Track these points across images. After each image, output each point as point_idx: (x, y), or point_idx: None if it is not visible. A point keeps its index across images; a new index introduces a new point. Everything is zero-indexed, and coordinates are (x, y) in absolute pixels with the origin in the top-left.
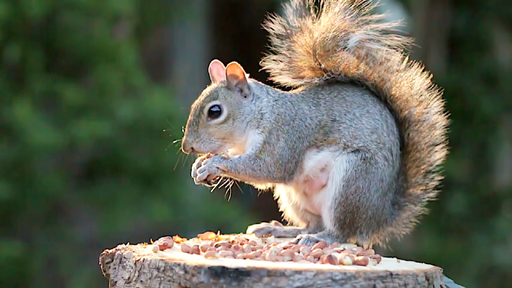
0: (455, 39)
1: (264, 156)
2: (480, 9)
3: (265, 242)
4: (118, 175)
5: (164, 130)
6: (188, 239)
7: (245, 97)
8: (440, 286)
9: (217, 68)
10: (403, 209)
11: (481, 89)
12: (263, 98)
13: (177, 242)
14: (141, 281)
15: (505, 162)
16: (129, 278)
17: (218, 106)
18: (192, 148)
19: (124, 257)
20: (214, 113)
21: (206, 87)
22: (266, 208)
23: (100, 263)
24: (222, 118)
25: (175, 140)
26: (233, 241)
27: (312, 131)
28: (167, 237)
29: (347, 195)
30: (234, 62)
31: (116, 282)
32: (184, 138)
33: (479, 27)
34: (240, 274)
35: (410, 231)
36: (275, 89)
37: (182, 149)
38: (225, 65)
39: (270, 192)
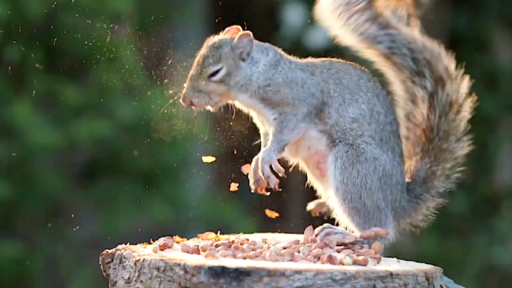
0: (455, 39)
1: (279, 112)
2: (480, 9)
3: (265, 242)
4: (118, 175)
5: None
6: (188, 239)
7: (244, 60)
8: (440, 286)
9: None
10: (423, 200)
11: (481, 89)
12: (260, 62)
13: (177, 242)
14: (141, 281)
15: (505, 162)
16: (129, 278)
17: (219, 68)
18: (191, 102)
19: (124, 257)
20: (214, 73)
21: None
22: (266, 208)
23: (100, 263)
24: (219, 77)
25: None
26: (233, 241)
27: (309, 93)
28: (167, 237)
29: (349, 189)
30: (248, 32)
31: (116, 282)
32: (184, 91)
33: (479, 27)
34: (240, 274)
35: (423, 226)
36: (281, 53)
37: (181, 102)
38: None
39: (269, 192)
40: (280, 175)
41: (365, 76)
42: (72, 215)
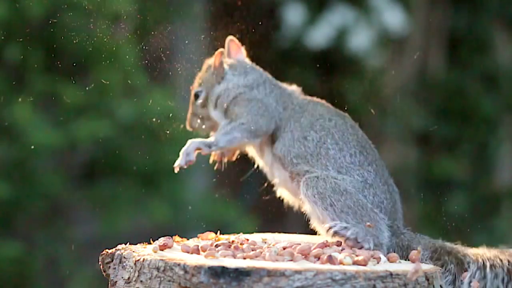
0: (455, 39)
1: (232, 123)
2: (480, 9)
3: (265, 242)
4: (118, 175)
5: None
6: (188, 239)
7: (219, 83)
8: (440, 286)
9: (228, 47)
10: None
11: (481, 89)
12: (233, 81)
13: (177, 242)
14: (141, 281)
15: (505, 162)
16: (129, 278)
17: (199, 91)
18: (192, 126)
19: (124, 257)
20: (195, 95)
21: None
22: (266, 208)
23: (100, 263)
24: (200, 100)
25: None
26: (233, 241)
27: (259, 114)
28: (167, 237)
29: (325, 196)
30: (220, 50)
31: (116, 282)
32: (187, 115)
33: (479, 27)
34: (240, 274)
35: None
36: (268, 80)
37: (187, 126)
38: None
39: (270, 192)
40: (185, 163)
41: (328, 116)
42: (72, 215)
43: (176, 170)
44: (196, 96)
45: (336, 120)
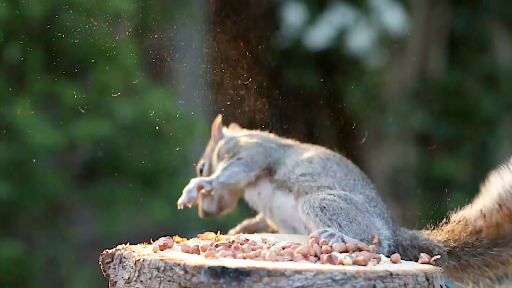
0: (455, 39)
1: (230, 162)
2: (480, 9)
3: (265, 242)
4: (118, 175)
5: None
6: (188, 239)
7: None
8: (440, 286)
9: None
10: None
11: (481, 89)
12: (230, 133)
13: (177, 242)
14: (141, 281)
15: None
16: (129, 278)
17: (202, 164)
18: (205, 212)
19: (124, 257)
20: (200, 171)
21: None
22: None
23: (100, 263)
24: (205, 171)
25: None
26: (233, 241)
27: (271, 154)
28: (167, 237)
29: (317, 198)
30: (216, 121)
31: (116, 282)
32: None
33: (479, 27)
34: (240, 274)
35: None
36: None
37: (200, 215)
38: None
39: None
40: (189, 200)
41: (330, 151)
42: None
43: (179, 208)
44: (201, 171)
45: (339, 155)
